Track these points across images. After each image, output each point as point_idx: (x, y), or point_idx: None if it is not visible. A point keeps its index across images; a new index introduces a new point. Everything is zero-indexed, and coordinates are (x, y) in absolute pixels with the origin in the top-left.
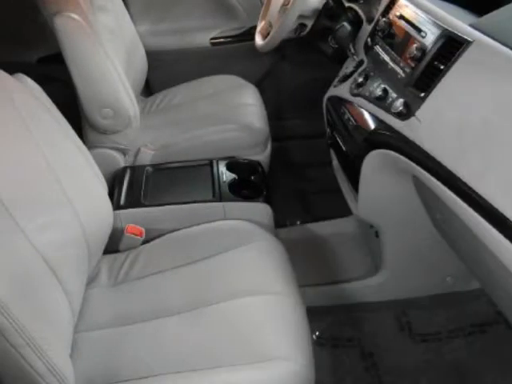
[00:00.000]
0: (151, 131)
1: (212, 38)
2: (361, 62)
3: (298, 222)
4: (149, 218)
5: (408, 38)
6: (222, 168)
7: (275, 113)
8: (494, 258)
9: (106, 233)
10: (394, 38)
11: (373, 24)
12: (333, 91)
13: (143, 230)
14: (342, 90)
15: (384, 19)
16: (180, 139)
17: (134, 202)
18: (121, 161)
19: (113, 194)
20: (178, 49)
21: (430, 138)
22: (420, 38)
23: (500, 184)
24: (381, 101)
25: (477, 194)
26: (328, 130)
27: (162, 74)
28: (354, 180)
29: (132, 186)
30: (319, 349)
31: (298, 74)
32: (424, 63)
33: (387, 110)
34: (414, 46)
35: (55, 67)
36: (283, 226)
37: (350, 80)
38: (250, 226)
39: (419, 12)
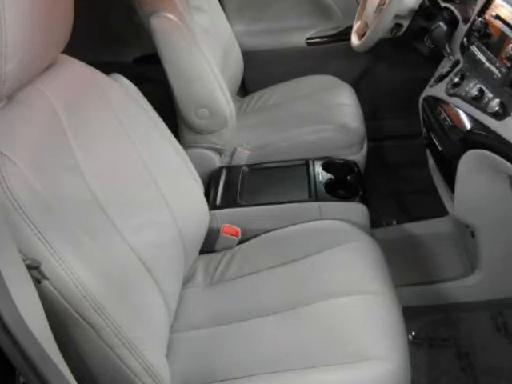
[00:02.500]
0: (247, 131)
1: (308, 38)
2: (457, 62)
3: (394, 222)
4: (245, 218)
5: (504, 38)
6: (318, 168)
7: (371, 113)
8: None
9: (202, 233)
10: (490, 37)
11: (469, 24)
12: (429, 91)
13: (239, 230)
14: (437, 90)
15: (480, 19)
16: (276, 139)
17: (230, 201)
18: (217, 161)
19: (209, 193)
20: (273, 49)
21: None
22: None
23: None
24: (477, 101)
25: None
26: (424, 129)
27: (258, 74)
28: (450, 180)
29: (228, 185)
30: (415, 349)
31: (393, 74)
32: None
33: (483, 109)
34: (510, 45)
35: (151, 67)
36: (379, 226)
37: (446, 80)
38: (346, 225)
39: None
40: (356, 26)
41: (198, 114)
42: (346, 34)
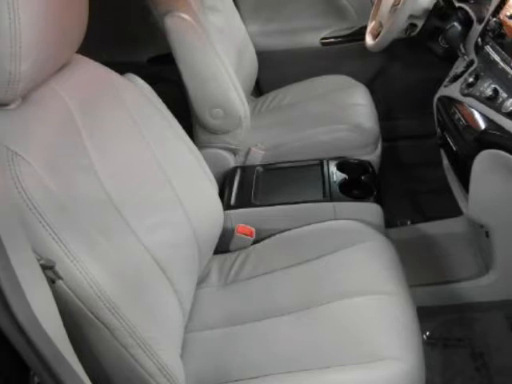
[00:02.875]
0: (261, 131)
1: (322, 38)
2: (471, 62)
3: (409, 222)
4: (259, 218)
5: None
6: (333, 168)
7: (386, 113)
8: None
9: (217, 233)
10: (505, 37)
11: (483, 24)
12: (443, 91)
13: (254, 230)
14: (452, 90)
15: (494, 19)
16: (290, 139)
17: (244, 201)
18: (231, 161)
19: (223, 193)
20: (288, 49)
21: None
22: None
23: None
24: (491, 101)
25: None
26: (438, 129)
27: (273, 74)
28: (465, 180)
29: (242, 185)
30: (429, 349)
31: (408, 74)
32: None
33: (498, 109)
34: None
35: (165, 67)
36: (393, 226)
37: (461, 80)
38: (361, 225)
39: None
40: (370, 26)
41: (212, 114)
42: (360, 34)
